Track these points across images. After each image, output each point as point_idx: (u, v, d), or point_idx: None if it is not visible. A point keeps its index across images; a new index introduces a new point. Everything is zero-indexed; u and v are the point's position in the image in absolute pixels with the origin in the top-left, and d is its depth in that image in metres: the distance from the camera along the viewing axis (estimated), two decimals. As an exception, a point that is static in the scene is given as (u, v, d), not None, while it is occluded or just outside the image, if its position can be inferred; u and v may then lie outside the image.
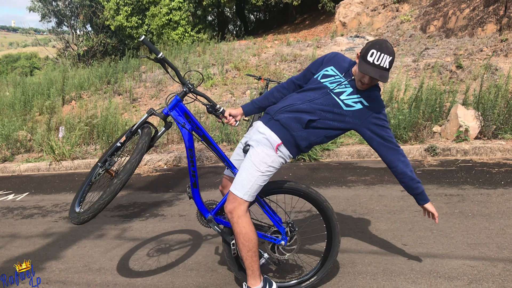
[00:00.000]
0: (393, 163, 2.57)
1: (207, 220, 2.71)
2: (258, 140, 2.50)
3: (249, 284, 2.54)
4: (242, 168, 2.47)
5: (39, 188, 5.72)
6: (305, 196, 2.66)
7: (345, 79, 2.51)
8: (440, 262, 3.10)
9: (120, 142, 2.65)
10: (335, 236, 2.71)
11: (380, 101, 2.52)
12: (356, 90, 2.48)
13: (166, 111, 2.57)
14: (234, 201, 2.43)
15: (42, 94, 10.23)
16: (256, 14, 26.12)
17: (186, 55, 12.36)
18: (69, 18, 18.86)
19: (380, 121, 2.49)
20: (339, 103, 2.46)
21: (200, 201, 2.69)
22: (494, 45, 9.33)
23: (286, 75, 9.68)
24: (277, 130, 2.47)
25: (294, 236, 2.70)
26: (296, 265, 3.13)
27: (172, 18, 15.35)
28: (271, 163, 2.45)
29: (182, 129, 2.58)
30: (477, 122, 6.31)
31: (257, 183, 2.43)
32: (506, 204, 4.13)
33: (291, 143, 2.47)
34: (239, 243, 2.46)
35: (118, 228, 4.11)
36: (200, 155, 6.49)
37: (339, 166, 5.89)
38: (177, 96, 2.59)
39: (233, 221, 2.44)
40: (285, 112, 2.49)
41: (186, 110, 2.60)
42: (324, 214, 2.68)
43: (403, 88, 7.81)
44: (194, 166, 2.64)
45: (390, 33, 12.07)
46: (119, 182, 2.37)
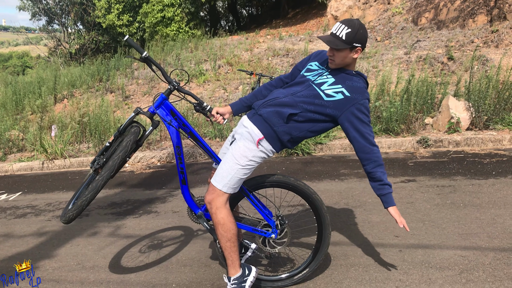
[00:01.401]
0: (363, 161, 2.51)
1: (197, 216, 2.73)
2: (241, 133, 2.53)
3: (229, 274, 2.56)
4: (224, 161, 2.50)
5: (32, 187, 5.71)
6: (293, 189, 2.68)
7: (327, 70, 2.51)
8: (431, 253, 3.12)
9: (108, 142, 2.66)
10: (325, 228, 2.73)
11: (363, 92, 2.45)
12: (338, 81, 2.44)
13: (152, 109, 2.58)
14: (214, 192, 2.46)
15: (33, 93, 10.17)
16: (249, 9, 26.03)
17: (178, 51, 12.31)
18: (59, 16, 18.71)
19: (361, 114, 2.42)
20: (320, 94, 2.43)
21: (189, 198, 2.71)
22: (485, 36, 9.36)
23: (278, 69, 9.68)
24: (259, 124, 2.47)
25: (285, 229, 2.72)
26: (288, 258, 3.14)
27: (166, 15, 15.27)
28: (252, 157, 2.46)
29: (169, 126, 2.59)
30: (468, 113, 6.34)
31: (237, 175, 2.44)
32: (497, 194, 4.17)
33: (273, 137, 2.47)
34: (218, 234, 2.48)
35: (111, 226, 4.11)
36: (193, 152, 6.49)
37: (332, 159, 5.91)
38: (163, 94, 2.60)
39: (211, 211, 2.47)
40: (267, 106, 2.49)
41: (172, 108, 2.61)
42: (314, 206, 2.70)
43: (395, 80, 7.83)
44: (183, 163, 2.66)
45: (382, 25, 12.08)
46: (100, 179, 2.41)
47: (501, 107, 6.40)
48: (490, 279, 2.73)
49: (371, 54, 9.86)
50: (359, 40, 2.35)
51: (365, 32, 2.38)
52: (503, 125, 6.26)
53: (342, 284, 2.80)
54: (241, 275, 2.56)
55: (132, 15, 16.23)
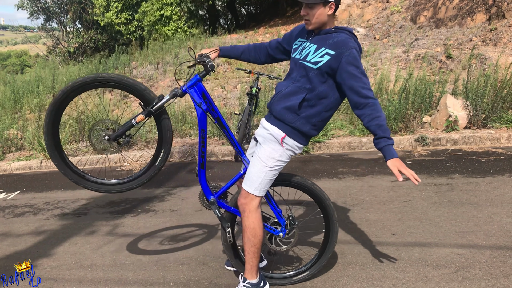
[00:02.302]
0: (359, 117, 2.37)
1: (209, 202, 2.74)
2: (263, 135, 2.53)
3: (246, 275, 2.60)
4: (252, 164, 2.51)
5: (30, 186, 5.71)
6: (309, 192, 2.69)
7: (307, 40, 2.47)
8: (428, 251, 3.13)
9: (135, 121, 2.56)
10: (332, 235, 2.75)
11: (346, 43, 2.30)
12: (320, 44, 2.36)
13: (185, 89, 2.55)
14: (246, 197, 2.49)
15: (32, 92, 10.16)
16: (247, 8, 26.02)
17: (177, 50, 12.30)
18: (58, 15, 18.70)
19: (350, 66, 2.27)
20: (310, 66, 2.37)
21: (205, 182, 2.72)
22: (483, 35, 9.37)
23: (277, 68, 9.68)
24: (277, 124, 2.47)
25: (293, 230, 2.73)
26: (290, 259, 3.15)
27: (164, 14, 15.26)
28: (279, 157, 2.46)
29: (197, 108, 2.56)
30: (466, 111, 6.35)
31: (267, 178, 2.47)
32: (494, 192, 4.18)
33: (295, 133, 2.45)
34: (245, 237, 2.51)
35: (109, 225, 4.11)
36: (192, 150, 6.49)
37: (330, 158, 5.91)
38: (197, 75, 2.57)
39: (244, 215, 2.50)
40: (276, 103, 2.48)
41: (204, 91, 2.58)
42: (325, 212, 2.72)
43: (393, 79, 7.84)
44: (205, 147, 2.65)
45: (380, 24, 12.08)
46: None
47: (499, 105, 6.41)
48: (486, 276, 2.75)
49: (370, 53, 9.86)
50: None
51: None
52: (501, 124, 6.27)
53: (339, 282, 2.81)
54: (257, 283, 2.60)
55: (131, 13, 16.22)
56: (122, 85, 2.55)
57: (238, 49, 2.83)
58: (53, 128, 2.57)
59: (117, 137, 2.58)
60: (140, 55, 12.53)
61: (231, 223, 2.71)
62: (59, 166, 2.67)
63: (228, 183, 2.78)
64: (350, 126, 6.78)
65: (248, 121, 5.85)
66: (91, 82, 2.51)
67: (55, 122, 2.56)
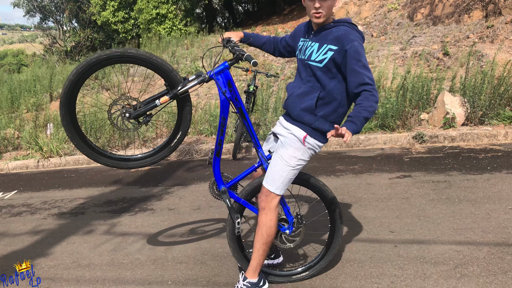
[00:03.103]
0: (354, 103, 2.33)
1: (221, 192, 2.73)
2: (285, 135, 2.53)
3: (247, 274, 2.61)
4: (273, 163, 2.51)
5: (27, 185, 5.69)
6: (320, 193, 2.70)
7: (308, 39, 2.49)
8: (426, 248, 3.13)
9: (159, 101, 2.54)
10: (336, 239, 2.76)
11: (347, 36, 2.30)
12: (321, 42, 2.37)
13: (212, 74, 2.54)
14: (268, 195, 2.50)
15: (29, 91, 10.13)
16: (245, 6, 25.95)
17: (174, 49, 12.27)
18: (54, 13, 18.64)
19: (352, 61, 2.26)
20: (315, 65, 2.39)
21: (219, 171, 2.71)
22: (480, 32, 9.37)
23: (274, 66, 9.67)
24: (298, 125, 2.49)
25: (300, 229, 2.73)
26: (293, 257, 3.15)
27: (160, 12, 15.21)
28: (301, 156, 2.48)
29: (221, 95, 2.56)
30: (463, 108, 6.36)
31: (288, 177, 2.48)
32: (491, 189, 4.18)
33: (315, 133, 2.46)
34: (259, 234, 2.52)
35: (107, 224, 4.10)
36: (190, 149, 6.48)
37: (327, 155, 5.91)
38: (226, 62, 2.56)
39: (263, 212, 2.51)
40: (292, 106, 2.49)
41: (230, 79, 2.57)
42: (332, 215, 2.73)
43: (391, 76, 7.84)
44: (223, 135, 2.65)
45: (377, 21, 12.07)
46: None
47: (496, 102, 6.41)
48: (484, 273, 2.75)
49: (367, 50, 9.85)
50: None
51: None
52: (498, 121, 6.28)
53: (337, 280, 2.81)
54: (256, 283, 2.61)
55: (127, 12, 16.17)
56: (149, 63, 2.50)
57: (261, 39, 2.85)
58: (71, 98, 2.49)
59: (138, 115, 2.54)
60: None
61: (240, 215, 2.70)
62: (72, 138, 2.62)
63: (240, 175, 2.78)
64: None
65: (245, 119, 5.83)
66: (117, 56, 2.45)
67: (73, 92, 2.48)
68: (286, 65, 9.69)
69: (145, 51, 2.55)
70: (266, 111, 7.17)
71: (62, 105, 2.49)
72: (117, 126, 2.60)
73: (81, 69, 2.42)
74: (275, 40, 2.84)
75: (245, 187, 2.72)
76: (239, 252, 2.76)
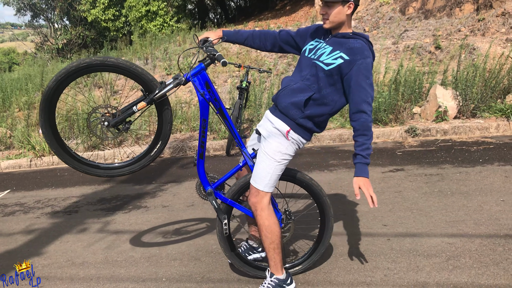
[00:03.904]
0: (352, 126, 2.35)
1: (207, 193, 2.73)
2: (268, 129, 2.52)
3: (272, 271, 2.58)
4: (259, 160, 2.50)
5: (20, 185, 5.66)
6: (307, 187, 2.69)
7: (323, 41, 2.47)
8: (419, 241, 3.16)
9: (136, 108, 2.53)
10: (327, 231, 2.76)
11: (362, 52, 2.30)
12: (336, 47, 2.37)
13: (188, 77, 2.51)
14: (257, 194, 2.48)
15: (21, 90, 10.06)
16: (237, 1, 25.89)
17: (166, 45, 12.23)
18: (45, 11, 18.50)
19: (360, 76, 2.28)
20: (321, 66, 2.36)
21: (203, 173, 2.71)
22: (471, 25, 9.40)
23: (267, 62, 9.66)
24: (282, 118, 2.47)
25: (289, 224, 2.74)
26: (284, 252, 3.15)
27: (151, 9, 15.13)
28: (286, 151, 2.46)
29: (200, 97, 2.54)
30: (455, 102, 6.39)
31: (275, 173, 2.47)
32: (483, 181, 4.21)
33: (299, 128, 2.46)
34: (262, 235, 2.51)
35: (100, 222, 4.09)
36: (183, 146, 6.47)
37: (321, 150, 5.92)
38: (202, 63, 2.53)
39: (256, 213, 2.50)
40: (283, 98, 2.47)
41: (208, 80, 2.55)
42: (321, 208, 2.72)
43: (383, 70, 7.85)
44: (205, 137, 2.63)
45: (369, 16, 12.08)
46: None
47: (487, 95, 6.45)
48: (476, 265, 2.77)
49: (359, 45, 9.86)
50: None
51: None
52: (490, 113, 6.32)
53: (331, 274, 2.83)
54: (284, 279, 2.59)
55: (118, 9, 16.06)
56: (129, 72, 2.50)
57: (242, 34, 2.78)
58: (50, 105, 2.48)
59: (117, 123, 2.53)
60: (129, 50, 12.44)
61: (227, 215, 2.70)
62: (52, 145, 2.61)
63: (226, 175, 2.77)
64: (340, 118, 6.79)
65: (238, 115, 5.85)
66: (97, 64, 2.45)
67: (53, 99, 2.47)
68: (278, 61, 9.68)
69: (125, 59, 2.54)
70: (259, 107, 7.17)
71: (42, 112, 2.47)
72: (96, 134, 2.60)
73: (60, 76, 2.41)
74: (265, 33, 2.76)
75: (231, 187, 2.71)
76: (230, 251, 2.76)
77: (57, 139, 2.60)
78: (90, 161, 2.74)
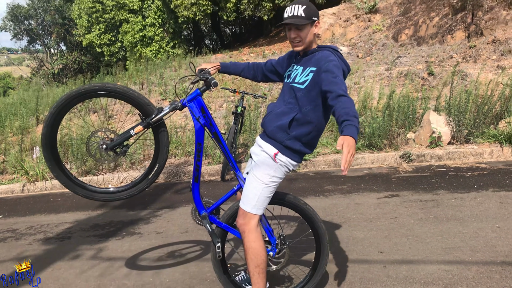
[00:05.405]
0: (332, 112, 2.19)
1: (201, 217, 2.72)
2: (257, 153, 2.56)
3: None
4: (247, 182, 2.53)
5: (12, 210, 5.59)
6: (301, 212, 2.68)
7: (295, 64, 2.56)
8: (415, 268, 3.13)
9: (133, 131, 2.58)
10: (322, 258, 2.73)
11: (325, 58, 2.36)
12: (305, 65, 2.45)
13: (184, 102, 2.58)
14: (245, 216, 2.48)
15: (15, 114, 10.05)
16: (232, 28, 26.27)
17: (162, 70, 12.32)
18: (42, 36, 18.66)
19: (326, 73, 2.29)
20: (298, 87, 2.44)
21: (198, 196, 2.71)
22: (463, 52, 9.56)
23: (262, 87, 9.74)
24: (270, 142, 2.51)
25: (284, 250, 2.71)
26: (281, 278, 3.11)
27: (146, 34, 15.30)
28: (274, 173, 2.48)
29: (195, 122, 2.60)
30: (449, 127, 6.44)
31: (263, 195, 2.47)
32: (479, 208, 4.21)
33: (287, 150, 2.48)
34: (248, 258, 2.49)
35: (93, 248, 4.03)
36: (178, 171, 6.45)
37: (316, 175, 5.92)
38: (198, 89, 2.61)
39: (243, 235, 2.49)
40: (269, 123, 2.53)
41: (203, 105, 2.61)
42: (316, 233, 2.71)
43: (377, 96, 7.93)
44: (200, 160, 2.66)
45: (363, 42, 12.27)
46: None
47: (480, 121, 6.51)
48: (473, 293, 2.75)
49: (353, 71, 9.98)
50: (314, 13, 2.40)
51: (314, 6, 2.44)
52: (483, 139, 6.36)
53: (327, 303, 2.78)
54: None
55: (114, 35, 16.23)
56: (126, 97, 2.58)
57: (238, 66, 2.89)
58: (52, 131, 2.57)
59: (114, 146, 2.59)
60: (125, 75, 12.51)
61: (221, 240, 2.68)
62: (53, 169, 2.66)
63: (221, 199, 2.78)
64: (335, 143, 6.81)
65: (234, 140, 5.86)
66: (96, 90, 2.53)
67: (54, 125, 2.56)
68: (273, 86, 9.76)
69: (122, 85, 2.62)
70: (254, 131, 7.19)
71: (44, 137, 2.55)
72: (95, 157, 2.65)
73: (61, 102, 2.50)
74: (256, 65, 2.87)
75: (226, 211, 2.71)
76: (224, 278, 2.74)
77: (58, 163, 2.67)
78: (89, 186, 2.77)
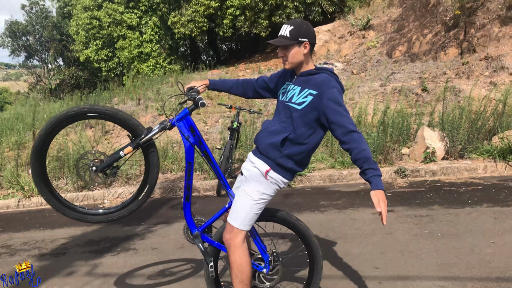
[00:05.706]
0: (347, 151, 2.39)
1: (193, 236, 2.71)
2: (248, 169, 2.56)
3: None
4: (237, 198, 2.53)
5: (7, 226, 5.56)
6: (294, 228, 2.68)
7: (291, 83, 2.58)
8: (411, 284, 3.14)
9: (123, 152, 2.59)
10: (316, 273, 2.74)
11: (328, 83, 2.40)
12: (303, 86, 2.46)
13: (173, 122, 2.58)
14: (231, 231, 2.48)
15: (12, 129, 10.05)
16: (228, 44, 26.50)
17: (159, 86, 12.40)
18: (39, 52, 18.76)
19: (332, 103, 2.34)
20: (294, 107, 2.45)
21: (190, 215, 2.70)
22: (456, 68, 9.69)
23: (257, 103, 9.80)
24: (262, 158, 2.51)
25: (277, 267, 2.72)
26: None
27: (143, 51, 15.42)
28: (264, 190, 2.48)
29: (185, 141, 2.59)
30: (443, 143, 6.49)
31: (252, 211, 2.47)
32: (473, 223, 4.23)
33: (278, 168, 2.49)
34: (232, 273, 2.49)
35: (88, 265, 4.02)
36: (173, 186, 6.45)
37: (311, 191, 5.94)
38: (186, 109, 2.61)
39: (229, 250, 2.48)
40: (261, 139, 2.54)
41: (193, 124, 2.61)
42: (309, 250, 2.71)
43: (371, 112, 8.00)
44: (191, 180, 2.65)
45: (357, 59, 12.41)
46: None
47: (474, 136, 6.57)
48: (468, 309, 2.75)
49: (348, 87, 10.08)
50: (303, 34, 2.41)
51: (310, 27, 2.45)
52: (477, 154, 6.42)
53: (322, 319, 2.78)
54: None
55: (111, 51, 16.33)
56: (116, 119, 2.58)
57: (227, 83, 2.90)
58: (41, 153, 2.56)
59: (104, 168, 2.59)
60: (122, 91, 12.57)
61: (214, 258, 2.68)
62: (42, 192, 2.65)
63: (212, 217, 2.77)
64: (330, 159, 6.85)
65: (229, 156, 5.88)
66: (85, 112, 2.54)
67: (43, 147, 2.56)
68: (269, 102, 9.83)
69: (112, 107, 2.64)
70: (250, 147, 7.22)
71: (33, 159, 2.55)
72: (84, 179, 2.66)
73: (50, 125, 2.51)
74: (247, 82, 2.88)
75: (218, 229, 2.72)
76: None
77: (47, 185, 2.65)
78: (79, 207, 2.77)
